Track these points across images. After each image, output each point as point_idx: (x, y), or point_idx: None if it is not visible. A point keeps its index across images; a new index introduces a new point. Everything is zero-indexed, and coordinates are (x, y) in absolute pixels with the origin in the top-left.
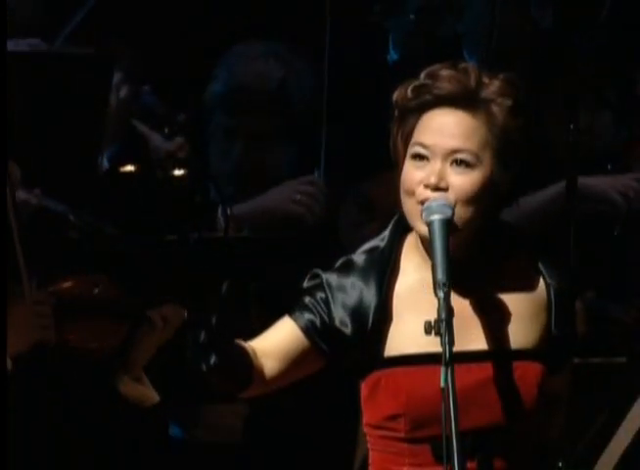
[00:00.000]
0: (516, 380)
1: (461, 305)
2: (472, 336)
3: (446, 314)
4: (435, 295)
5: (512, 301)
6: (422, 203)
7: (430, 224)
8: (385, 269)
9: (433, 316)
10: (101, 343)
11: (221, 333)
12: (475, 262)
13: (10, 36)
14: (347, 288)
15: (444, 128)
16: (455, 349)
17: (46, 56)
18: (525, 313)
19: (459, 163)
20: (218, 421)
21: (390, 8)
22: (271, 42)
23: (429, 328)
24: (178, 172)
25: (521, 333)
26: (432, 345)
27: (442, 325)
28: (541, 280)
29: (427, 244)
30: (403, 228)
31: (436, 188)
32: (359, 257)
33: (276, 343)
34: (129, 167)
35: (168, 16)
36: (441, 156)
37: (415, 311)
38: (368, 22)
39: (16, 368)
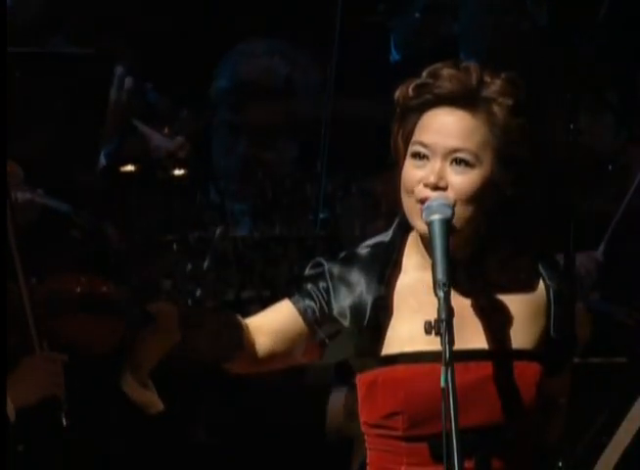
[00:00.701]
0: (514, 379)
1: (461, 304)
2: (471, 335)
3: (446, 314)
4: (435, 294)
5: (511, 301)
6: (421, 201)
7: (430, 224)
8: (386, 266)
9: (432, 316)
10: (99, 342)
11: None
12: (475, 262)
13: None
14: (349, 279)
15: (444, 128)
16: (454, 347)
17: (46, 56)
18: (524, 314)
19: (459, 162)
20: (218, 421)
21: (395, 7)
22: (274, 40)
23: (429, 328)
24: (178, 172)
25: (519, 333)
26: (430, 343)
27: (442, 325)
28: (541, 281)
29: (427, 242)
30: (407, 226)
31: (436, 187)
32: (363, 249)
33: (271, 321)
34: (129, 167)
35: (169, 14)
36: (441, 155)
37: (414, 310)
38: (372, 21)
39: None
